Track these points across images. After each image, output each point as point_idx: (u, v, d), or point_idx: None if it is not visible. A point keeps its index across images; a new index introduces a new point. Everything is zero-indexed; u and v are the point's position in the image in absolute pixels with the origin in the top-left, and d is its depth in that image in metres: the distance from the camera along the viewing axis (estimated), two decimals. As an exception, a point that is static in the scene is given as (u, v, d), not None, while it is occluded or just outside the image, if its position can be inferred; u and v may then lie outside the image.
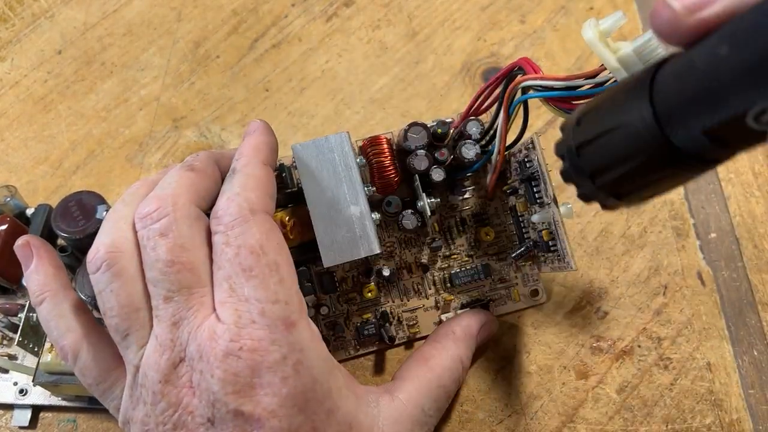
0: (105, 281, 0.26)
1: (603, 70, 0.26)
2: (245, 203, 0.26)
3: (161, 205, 0.26)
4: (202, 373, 0.24)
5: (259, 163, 0.28)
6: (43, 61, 0.42)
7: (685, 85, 0.17)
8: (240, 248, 0.25)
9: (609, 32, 0.25)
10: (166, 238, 0.25)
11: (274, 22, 0.43)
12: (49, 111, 0.41)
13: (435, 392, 0.30)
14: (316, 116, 0.41)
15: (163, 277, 0.25)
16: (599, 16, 0.26)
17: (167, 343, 0.25)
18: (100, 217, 0.33)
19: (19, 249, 0.29)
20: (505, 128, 0.31)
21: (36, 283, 0.28)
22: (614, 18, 0.25)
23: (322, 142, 0.31)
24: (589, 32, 0.25)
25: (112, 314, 0.26)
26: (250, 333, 0.24)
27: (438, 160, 0.32)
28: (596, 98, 0.21)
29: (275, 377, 0.24)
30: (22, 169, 0.40)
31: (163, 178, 0.28)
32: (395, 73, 0.42)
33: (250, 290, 0.25)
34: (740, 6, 0.16)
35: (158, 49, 0.42)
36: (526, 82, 0.28)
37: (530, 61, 0.29)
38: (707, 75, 0.16)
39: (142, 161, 0.40)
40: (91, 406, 0.33)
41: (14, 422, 0.33)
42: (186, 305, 0.25)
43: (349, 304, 0.34)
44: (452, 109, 0.41)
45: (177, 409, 0.25)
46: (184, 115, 0.41)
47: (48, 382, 0.30)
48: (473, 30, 0.43)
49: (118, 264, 0.26)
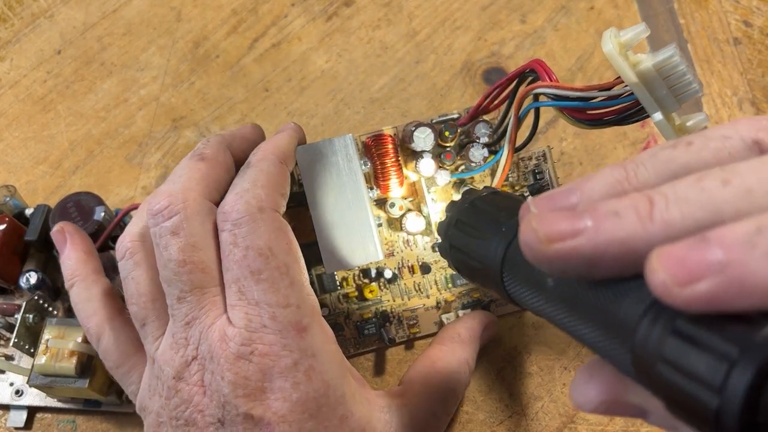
0: (128, 269, 0.27)
1: (619, 83, 0.25)
2: (254, 200, 0.25)
3: (172, 202, 0.26)
4: (213, 374, 0.24)
5: (275, 160, 0.27)
6: (42, 61, 0.42)
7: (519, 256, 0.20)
8: (248, 249, 0.25)
9: (630, 45, 0.25)
10: (177, 237, 0.25)
11: (273, 22, 0.43)
12: (49, 111, 0.41)
13: (445, 396, 0.30)
14: (316, 116, 0.41)
15: (176, 277, 0.25)
16: (600, 16, 0.26)
17: (181, 341, 0.25)
18: (98, 219, 0.33)
19: (55, 235, 0.31)
20: (515, 132, 0.30)
21: (68, 267, 0.30)
22: (636, 30, 0.24)
23: (326, 145, 0.30)
24: (608, 44, 0.24)
25: (132, 302, 0.27)
26: (261, 338, 0.24)
27: (444, 163, 0.32)
28: (474, 214, 0.27)
29: (286, 383, 0.24)
30: (21, 169, 0.40)
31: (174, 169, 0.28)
32: (395, 72, 0.42)
33: (260, 294, 0.24)
34: (599, 245, 0.17)
35: (158, 48, 0.42)
36: (539, 89, 0.28)
37: (543, 64, 0.28)
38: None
39: (142, 161, 0.40)
40: (86, 408, 0.33)
41: (10, 423, 0.33)
42: (198, 305, 0.25)
43: (349, 303, 0.34)
44: (452, 109, 0.41)
45: (189, 406, 0.25)
46: (183, 115, 0.41)
47: (42, 384, 0.30)
48: (474, 30, 0.43)
49: (140, 253, 0.27)
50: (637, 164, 0.18)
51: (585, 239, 0.17)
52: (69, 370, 0.30)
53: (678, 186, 0.16)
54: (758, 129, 0.17)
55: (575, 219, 0.17)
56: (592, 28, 0.43)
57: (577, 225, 0.17)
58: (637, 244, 0.16)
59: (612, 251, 0.17)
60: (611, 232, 0.16)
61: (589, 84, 0.27)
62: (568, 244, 0.17)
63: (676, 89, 0.24)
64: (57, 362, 0.30)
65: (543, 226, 0.17)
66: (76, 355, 0.30)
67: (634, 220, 0.16)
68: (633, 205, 0.17)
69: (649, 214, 0.16)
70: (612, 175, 0.18)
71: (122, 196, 0.39)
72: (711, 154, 0.17)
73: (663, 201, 0.16)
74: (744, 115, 0.41)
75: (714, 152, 0.17)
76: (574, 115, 0.27)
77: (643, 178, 0.18)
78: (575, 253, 0.17)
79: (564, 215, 0.17)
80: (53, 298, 0.34)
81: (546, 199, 0.19)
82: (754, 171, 0.16)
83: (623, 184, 0.18)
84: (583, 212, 0.17)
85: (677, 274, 0.15)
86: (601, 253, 0.17)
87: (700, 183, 0.16)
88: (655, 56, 0.24)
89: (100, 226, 0.33)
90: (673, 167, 0.18)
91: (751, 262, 0.14)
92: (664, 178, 0.18)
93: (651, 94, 0.24)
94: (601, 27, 0.43)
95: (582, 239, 0.17)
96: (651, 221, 0.16)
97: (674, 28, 0.43)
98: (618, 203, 0.17)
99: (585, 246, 0.17)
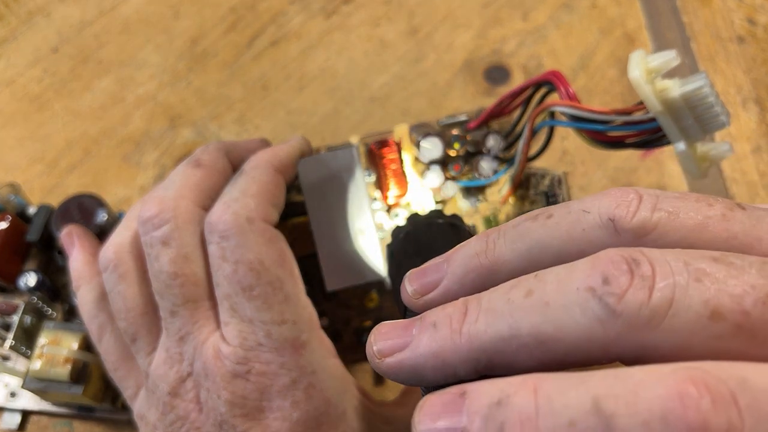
0: (112, 282, 0.26)
1: (641, 108, 0.24)
2: (243, 210, 0.24)
3: (162, 209, 0.25)
4: (209, 392, 0.24)
5: (270, 168, 0.26)
6: (38, 59, 0.42)
7: None
8: (238, 264, 0.24)
9: (659, 72, 0.23)
10: (168, 247, 0.24)
11: (272, 20, 0.43)
12: (45, 110, 0.41)
13: None
14: (316, 115, 0.40)
15: (168, 290, 0.24)
16: (603, 14, 0.25)
17: (176, 356, 0.24)
18: (100, 222, 0.33)
19: (64, 237, 0.31)
20: (527, 147, 0.29)
21: (75, 269, 0.29)
22: (666, 57, 0.23)
23: (329, 158, 0.29)
24: (635, 71, 0.23)
25: (120, 317, 0.26)
26: (258, 356, 0.23)
27: (452, 173, 0.32)
28: (402, 248, 0.25)
29: (285, 402, 0.23)
30: (17, 168, 0.39)
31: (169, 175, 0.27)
32: (396, 71, 0.42)
33: (253, 312, 0.23)
34: (419, 358, 0.17)
35: (155, 47, 0.42)
36: (556, 107, 0.27)
37: (561, 77, 0.27)
38: None
39: (139, 161, 0.39)
40: (81, 414, 0.33)
41: (3, 425, 0.33)
42: (191, 319, 0.24)
43: (348, 310, 0.34)
44: (453, 107, 0.41)
45: (185, 423, 0.24)
46: (181, 114, 0.40)
47: (36, 389, 0.30)
48: (475, 27, 0.43)
49: (125, 265, 0.26)
50: (498, 235, 0.18)
51: (408, 352, 0.17)
52: (64, 376, 0.29)
53: (494, 294, 0.16)
54: (617, 205, 0.16)
55: (404, 333, 0.17)
56: (594, 26, 0.42)
57: (406, 339, 0.17)
58: (450, 358, 0.16)
59: (430, 364, 0.17)
60: (426, 345, 0.17)
61: (610, 107, 0.25)
62: (395, 358, 0.17)
63: (702, 120, 0.23)
64: (52, 368, 0.29)
65: (377, 342, 0.18)
66: (71, 361, 0.30)
67: (447, 332, 0.16)
68: (449, 315, 0.17)
69: (459, 326, 0.16)
70: (474, 248, 0.18)
71: (120, 196, 0.38)
72: (564, 230, 0.17)
73: (475, 312, 0.16)
74: (747, 114, 0.40)
75: (568, 228, 0.17)
76: (591, 137, 0.26)
77: (499, 252, 0.18)
78: (401, 366, 0.17)
79: (395, 329, 0.18)
80: (52, 299, 0.34)
81: (418, 273, 0.19)
82: (556, 280, 0.15)
83: (480, 257, 0.18)
84: (412, 323, 0.18)
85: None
86: (421, 365, 0.17)
87: (509, 292, 0.16)
88: (684, 85, 0.22)
89: (101, 229, 0.33)
90: (528, 242, 0.17)
91: None
92: (517, 252, 0.17)
93: (675, 124, 0.23)
94: (604, 25, 0.42)
95: (406, 352, 0.17)
96: (459, 334, 0.16)
97: (677, 26, 0.43)
98: (440, 313, 0.17)
99: (408, 359, 0.17)
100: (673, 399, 0.12)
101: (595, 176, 0.39)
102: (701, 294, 0.13)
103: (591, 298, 0.14)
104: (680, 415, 0.12)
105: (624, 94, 0.41)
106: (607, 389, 0.13)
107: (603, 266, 0.14)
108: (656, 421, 0.12)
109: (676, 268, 0.14)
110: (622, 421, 0.12)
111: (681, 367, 0.13)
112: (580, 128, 0.26)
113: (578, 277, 0.15)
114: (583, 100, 0.31)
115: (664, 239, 0.16)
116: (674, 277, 0.14)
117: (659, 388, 0.12)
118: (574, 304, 0.14)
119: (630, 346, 0.14)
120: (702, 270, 0.14)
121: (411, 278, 0.20)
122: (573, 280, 0.15)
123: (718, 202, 0.16)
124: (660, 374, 0.13)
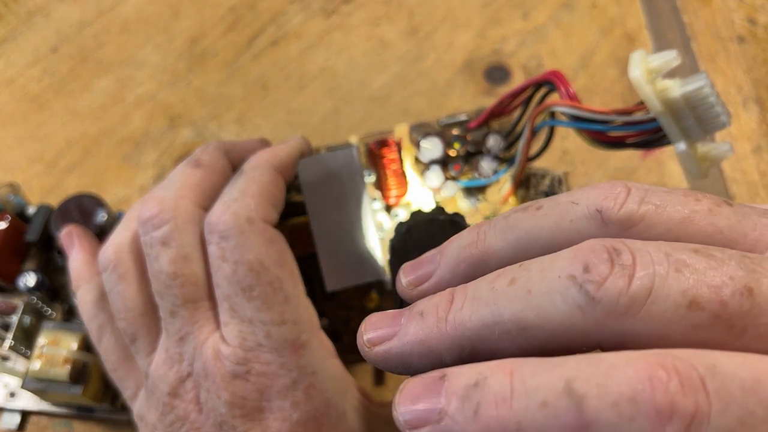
0: (112, 282, 0.26)
1: (641, 109, 0.24)
2: (242, 210, 0.24)
3: (162, 209, 0.25)
4: (208, 392, 0.24)
5: (270, 168, 0.26)
6: (38, 59, 0.42)
7: None
8: (237, 264, 0.24)
9: (659, 72, 0.23)
10: (167, 247, 0.24)
11: (272, 20, 0.43)
12: (45, 109, 0.40)
13: None
14: (315, 115, 0.40)
15: (167, 290, 0.24)
16: (603, 13, 0.25)
17: (175, 356, 0.24)
18: (99, 222, 0.33)
19: (64, 238, 0.31)
20: (528, 147, 0.29)
21: (74, 269, 0.29)
22: (666, 57, 0.23)
23: (329, 158, 0.29)
24: (636, 71, 0.23)
25: (120, 317, 0.26)
26: (258, 356, 0.23)
27: (452, 173, 0.32)
28: (403, 244, 0.25)
29: (285, 402, 0.23)
30: (17, 168, 0.39)
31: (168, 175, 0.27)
32: (396, 71, 0.42)
33: (253, 312, 0.24)
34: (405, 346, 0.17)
35: (155, 46, 0.42)
36: (556, 107, 0.27)
37: (561, 77, 0.27)
38: None
39: (139, 160, 0.39)
40: (81, 414, 0.33)
41: (3, 425, 0.33)
42: (191, 320, 0.24)
43: (349, 311, 0.34)
44: (453, 107, 0.40)
45: (185, 423, 0.24)
46: (180, 114, 0.40)
47: (36, 389, 0.30)
48: (475, 27, 0.43)
49: (124, 265, 0.26)
50: (489, 226, 0.18)
51: (396, 341, 0.17)
52: (63, 377, 0.29)
53: (480, 283, 0.17)
54: (605, 197, 0.16)
55: (393, 322, 0.18)
56: (594, 26, 0.42)
57: (395, 328, 0.18)
58: (435, 345, 0.17)
59: (416, 351, 0.17)
60: (413, 333, 0.17)
61: (611, 107, 0.25)
62: (384, 347, 0.18)
63: (703, 120, 0.23)
64: (51, 368, 0.29)
65: (367, 332, 0.18)
66: (70, 362, 0.30)
67: (433, 321, 0.17)
68: (435, 304, 0.17)
69: (445, 315, 0.16)
70: (466, 239, 0.19)
71: (119, 196, 0.38)
72: (553, 221, 0.17)
73: (461, 300, 0.16)
74: (747, 114, 0.40)
75: (557, 219, 0.17)
76: (591, 137, 0.26)
77: (490, 242, 0.18)
78: (389, 354, 0.17)
79: (385, 319, 0.18)
80: (52, 299, 0.34)
81: (413, 265, 0.20)
82: (540, 269, 0.15)
83: (471, 248, 0.18)
84: (401, 313, 0.18)
85: (411, 420, 0.15)
86: (408, 353, 0.17)
87: (494, 281, 0.16)
88: (684, 85, 0.22)
89: (101, 229, 0.33)
90: (517, 232, 0.18)
91: (459, 419, 0.14)
92: (507, 243, 0.18)
93: (676, 124, 0.23)
94: (604, 24, 0.42)
95: (394, 341, 0.17)
96: (445, 322, 0.16)
97: (678, 26, 0.43)
98: (427, 302, 0.17)
99: (396, 347, 0.17)
100: (643, 381, 0.13)
101: (596, 176, 0.39)
102: (680, 284, 0.14)
103: (571, 285, 0.14)
104: (648, 397, 0.12)
105: (624, 94, 0.41)
106: (579, 372, 0.13)
107: (584, 255, 0.15)
108: (625, 403, 0.13)
109: (657, 258, 0.14)
110: (593, 402, 0.13)
111: (653, 352, 0.13)
112: (581, 128, 0.26)
113: (560, 265, 0.15)
114: (584, 100, 0.31)
115: (651, 231, 0.16)
116: (654, 267, 0.14)
117: (629, 370, 0.13)
118: (555, 292, 0.15)
119: (609, 333, 0.14)
120: (682, 261, 0.14)
121: (406, 270, 0.20)
122: (555, 268, 0.15)
123: (706, 198, 0.16)
124: (631, 358, 0.13)
